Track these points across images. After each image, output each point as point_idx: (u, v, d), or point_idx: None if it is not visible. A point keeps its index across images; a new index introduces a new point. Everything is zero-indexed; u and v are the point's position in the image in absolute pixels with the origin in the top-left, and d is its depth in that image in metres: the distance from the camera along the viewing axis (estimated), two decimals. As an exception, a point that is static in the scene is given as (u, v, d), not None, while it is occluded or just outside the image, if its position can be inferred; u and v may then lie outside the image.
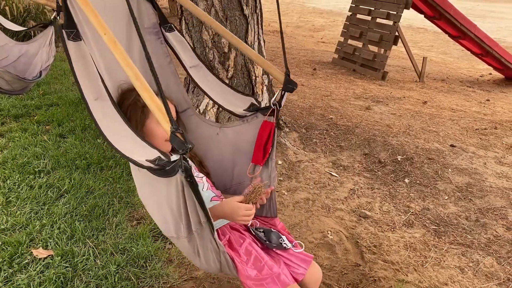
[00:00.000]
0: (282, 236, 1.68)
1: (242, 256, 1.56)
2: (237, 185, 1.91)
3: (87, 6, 1.31)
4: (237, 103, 1.86)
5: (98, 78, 1.41)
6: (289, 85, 1.65)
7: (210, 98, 1.90)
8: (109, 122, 1.35)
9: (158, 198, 1.35)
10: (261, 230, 1.70)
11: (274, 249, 1.63)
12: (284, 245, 1.64)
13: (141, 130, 1.66)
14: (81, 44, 1.41)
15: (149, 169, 1.17)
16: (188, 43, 1.94)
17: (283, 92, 1.70)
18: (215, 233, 1.39)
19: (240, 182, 1.89)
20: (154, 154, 1.22)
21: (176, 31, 1.91)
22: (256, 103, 1.82)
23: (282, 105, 1.72)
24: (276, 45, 8.82)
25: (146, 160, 1.19)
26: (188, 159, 1.16)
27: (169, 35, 1.89)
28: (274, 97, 1.75)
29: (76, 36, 1.40)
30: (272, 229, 1.72)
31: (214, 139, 1.92)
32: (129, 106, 1.67)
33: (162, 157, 1.18)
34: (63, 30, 1.40)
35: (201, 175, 1.81)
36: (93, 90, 1.38)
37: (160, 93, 1.10)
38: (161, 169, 1.16)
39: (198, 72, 1.92)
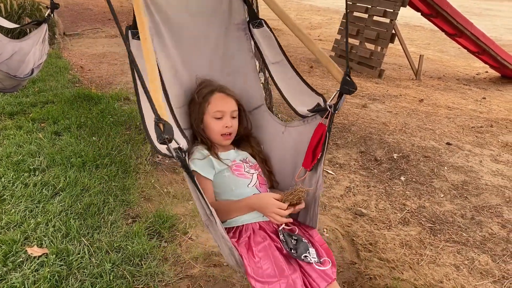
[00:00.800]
0: (310, 249, 1.58)
1: (255, 256, 1.52)
2: None
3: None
4: (307, 102, 1.79)
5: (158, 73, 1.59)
6: (346, 86, 1.55)
7: (282, 95, 1.90)
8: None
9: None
10: (295, 237, 1.62)
11: (296, 259, 1.56)
12: (307, 259, 1.55)
13: (201, 124, 1.81)
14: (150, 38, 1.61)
15: (163, 155, 1.30)
16: (275, 39, 1.92)
17: (340, 94, 1.61)
18: (221, 228, 1.44)
19: (298, 184, 1.81)
20: (179, 143, 1.34)
21: (265, 26, 1.94)
22: (321, 104, 1.73)
23: (339, 108, 1.62)
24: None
25: (178, 143, 1.30)
26: (181, 150, 1.29)
27: (256, 31, 1.93)
28: (331, 99, 1.67)
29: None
30: (303, 239, 1.63)
31: (279, 138, 1.92)
32: (191, 100, 1.84)
33: (179, 147, 1.30)
34: (129, 31, 1.60)
35: (253, 171, 1.81)
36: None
37: (143, 87, 1.20)
38: (171, 156, 1.27)
39: (280, 68, 1.93)
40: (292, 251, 1.54)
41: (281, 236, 1.61)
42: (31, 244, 2.33)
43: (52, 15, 2.16)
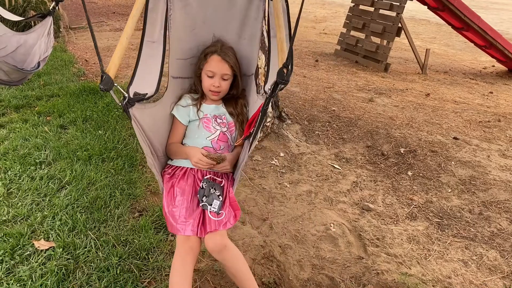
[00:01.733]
0: (215, 201, 1.82)
1: (174, 192, 1.86)
2: None
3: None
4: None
5: (162, 27, 1.93)
6: (278, 77, 1.55)
7: (267, 69, 2.02)
8: (151, 59, 1.90)
9: None
10: (215, 188, 1.88)
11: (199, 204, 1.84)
12: (205, 207, 1.81)
13: (199, 76, 2.07)
14: (160, 1, 1.89)
15: (126, 98, 1.70)
16: (288, 15, 1.97)
17: (275, 83, 1.63)
18: (153, 161, 1.84)
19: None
20: (146, 90, 1.82)
21: (283, 0, 1.99)
22: (269, 88, 1.83)
23: (274, 95, 1.66)
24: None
25: (135, 91, 1.73)
26: (125, 98, 1.69)
27: (272, 3, 1.98)
28: (270, 84, 1.74)
29: None
30: (218, 193, 1.87)
31: (253, 106, 2.08)
32: (199, 55, 2.09)
33: (145, 93, 1.79)
34: None
35: (219, 128, 2.06)
36: (154, 35, 1.91)
37: (95, 46, 1.54)
38: (122, 100, 1.69)
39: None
40: (203, 198, 1.83)
41: (203, 183, 1.89)
42: (38, 237, 2.33)
43: (56, 8, 2.14)
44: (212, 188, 1.87)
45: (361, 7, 7.54)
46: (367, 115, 4.60)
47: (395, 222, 2.80)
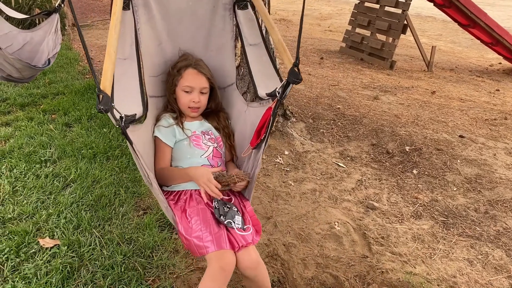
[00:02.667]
0: (237, 217, 1.73)
1: (188, 216, 1.71)
2: None
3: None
4: (270, 86, 1.87)
5: (133, 43, 1.78)
6: (292, 77, 1.60)
7: (251, 77, 1.98)
8: (125, 78, 1.70)
9: None
10: (228, 206, 1.77)
11: (222, 224, 1.71)
12: (230, 224, 1.69)
13: (173, 93, 1.95)
14: (127, 14, 1.74)
15: (115, 120, 1.46)
16: (258, 22, 1.98)
17: (287, 83, 1.68)
18: (158, 190, 1.64)
19: (244, 171, 1.96)
20: (132, 110, 1.64)
21: (249, 8, 1.98)
22: (279, 89, 1.80)
23: (285, 95, 1.69)
24: (283, 33, 8.74)
25: (120, 113, 1.48)
26: (122, 119, 1.46)
27: (240, 12, 1.98)
28: (279, 86, 1.73)
29: (126, 6, 1.74)
30: (235, 208, 1.78)
31: (242, 116, 2.03)
32: (169, 72, 1.97)
33: (134, 114, 1.61)
34: (123, 0, 1.65)
35: (210, 143, 1.96)
36: (125, 52, 1.73)
37: (88, 61, 1.38)
38: (114, 119, 1.44)
39: (256, 51, 1.98)
40: (221, 217, 1.70)
41: (214, 203, 1.75)
42: (43, 235, 2.34)
43: (62, 5, 2.16)
44: (225, 206, 1.76)
45: (367, 4, 7.51)
46: (372, 113, 4.58)
47: (400, 221, 2.78)
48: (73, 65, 5.49)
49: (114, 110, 1.42)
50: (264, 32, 1.99)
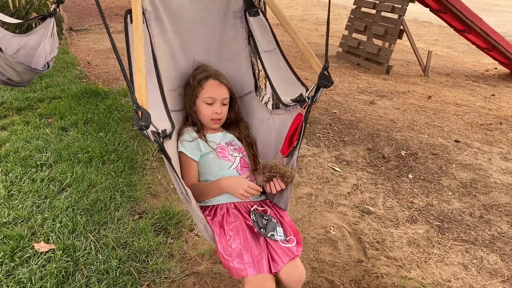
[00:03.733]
0: (278, 228, 1.68)
1: (226, 234, 1.63)
2: None
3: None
4: (292, 92, 1.86)
5: (150, 57, 1.71)
6: (323, 80, 1.60)
7: (270, 84, 1.96)
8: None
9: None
10: (266, 218, 1.72)
11: (264, 237, 1.65)
12: (273, 237, 1.64)
13: (193, 106, 1.90)
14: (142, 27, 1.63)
15: (146, 137, 1.36)
16: (270, 28, 1.97)
17: (317, 87, 1.68)
18: (196, 207, 1.55)
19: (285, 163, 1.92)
20: (163, 126, 1.49)
21: (261, 15, 1.98)
22: (304, 94, 1.78)
23: (316, 100, 1.69)
24: (280, 38, 8.74)
25: (157, 129, 1.39)
26: (159, 134, 1.37)
27: (252, 20, 1.97)
28: (309, 91, 1.73)
29: None
30: (274, 219, 1.73)
31: (265, 124, 2.00)
32: (187, 83, 1.93)
33: (158, 131, 1.40)
34: (129, 15, 1.60)
35: (236, 154, 1.91)
36: None
37: (124, 76, 1.24)
38: (150, 139, 1.35)
39: (272, 57, 1.97)
40: (262, 230, 1.64)
41: (252, 216, 1.70)
42: (38, 239, 2.34)
43: (58, 9, 2.17)
44: (262, 218, 1.71)
45: (363, 9, 7.54)
46: (368, 118, 4.59)
47: (395, 225, 2.79)
48: (70, 69, 5.49)
49: (151, 126, 1.33)
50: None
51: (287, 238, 1.66)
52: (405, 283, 2.27)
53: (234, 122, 2.03)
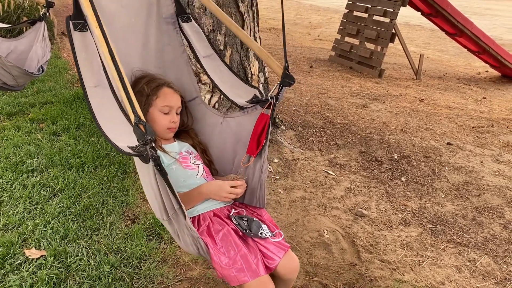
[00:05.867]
0: (263, 226, 1.71)
1: (217, 243, 1.62)
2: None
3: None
4: (242, 94, 1.86)
5: (100, 67, 1.49)
6: (287, 80, 1.62)
7: (218, 89, 1.93)
8: (104, 108, 1.43)
9: (146, 181, 1.45)
10: (245, 219, 1.74)
11: (252, 238, 1.67)
12: (263, 235, 1.66)
13: (145, 116, 1.73)
14: (87, 35, 1.48)
15: (127, 154, 1.23)
16: (204, 33, 1.95)
17: (280, 86, 1.69)
18: (189, 219, 1.49)
19: (238, 172, 1.93)
20: (134, 142, 1.31)
21: (193, 21, 1.95)
22: (258, 95, 1.81)
23: (280, 99, 1.71)
24: (273, 42, 8.78)
25: (127, 146, 1.24)
26: (155, 149, 1.23)
27: (185, 25, 1.93)
28: (272, 91, 1.73)
29: (83, 27, 1.47)
30: (255, 218, 1.75)
31: (218, 128, 1.97)
32: (136, 93, 1.71)
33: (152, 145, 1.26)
34: (70, 21, 1.44)
35: (198, 162, 1.88)
36: (93, 78, 1.47)
37: (122, 85, 1.17)
38: (138, 155, 1.22)
39: (211, 62, 1.94)
40: (247, 231, 1.66)
41: (234, 221, 1.71)
42: (29, 246, 2.31)
43: (48, 13, 2.15)
44: (242, 220, 1.72)
45: (355, 13, 7.59)
46: (361, 121, 4.61)
47: (388, 228, 2.80)
48: (61, 74, 5.45)
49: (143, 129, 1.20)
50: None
51: (274, 233, 1.70)
52: (399, 286, 2.27)
53: (184, 130, 1.99)
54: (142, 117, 1.16)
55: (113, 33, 1.72)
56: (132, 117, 1.16)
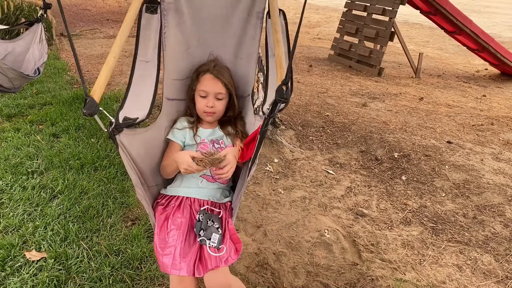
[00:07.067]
0: (214, 235, 1.70)
1: (169, 226, 1.74)
2: None
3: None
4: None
5: (156, 46, 1.81)
6: (278, 96, 1.39)
7: (265, 89, 1.95)
8: (141, 79, 1.77)
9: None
10: (213, 220, 1.75)
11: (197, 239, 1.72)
12: (203, 242, 1.69)
13: (192, 97, 1.97)
14: (154, 17, 1.78)
15: (112, 124, 1.59)
16: (287, 32, 1.94)
17: (274, 101, 1.49)
18: (140, 192, 1.72)
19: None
20: (137, 114, 1.69)
21: (282, 18, 1.95)
22: (268, 107, 1.75)
23: (274, 115, 1.50)
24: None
25: (125, 115, 1.64)
26: (116, 129, 1.59)
27: (270, 21, 1.92)
28: (269, 103, 1.69)
29: (154, 10, 1.77)
30: (216, 224, 1.75)
31: (252, 128, 1.99)
32: (193, 73, 1.97)
33: (136, 117, 1.67)
34: (145, 4, 1.73)
35: (217, 146, 1.96)
36: (147, 55, 1.79)
37: (77, 64, 1.41)
38: (123, 125, 1.62)
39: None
40: (200, 232, 1.71)
41: (199, 215, 1.76)
42: (29, 248, 2.31)
43: (45, 15, 2.15)
44: (209, 220, 1.74)
45: (354, 12, 7.58)
46: (361, 120, 4.60)
47: (389, 228, 2.79)
48: (61, 75, 5.45)
49: (106, 114, 1.48)
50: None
51: (220, 247, 1.68)
52: (400, 285, 2.27)
53: (232, 119, 2.04)
54: (94, 96, 1.42)
55: (199, 19, 1.90)
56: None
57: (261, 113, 1.92)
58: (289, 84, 1.41)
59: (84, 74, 5.76)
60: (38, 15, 2.16)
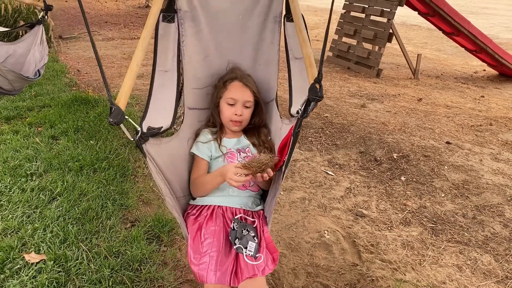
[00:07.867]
0: (250, 243, 1.66)
1: (202, 235, 1.68)
2: None
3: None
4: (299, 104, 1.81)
5: (175, 55, 1.81)
6: (311, 94, 1.43)
7: (290, 93, 1.92)
8: (161, 88, 1.77)
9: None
10: (248, 229, 1.70)
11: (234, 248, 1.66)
12: (240, 250, 1.64)
13: (217, 106, 1.94)
14: (171, 27, 1.78)
15: (138, 133, 1.56)
16: (308, 35, 1.87)
17: (307, 100, 1.50)
18: (169, 201, 1.68)
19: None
20: (160, 123, 1.70)
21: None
22: (300, 107, 1.72)
23: (307, 115, 1.54)
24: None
25: (149, 125, 1.62)
26: (143, 139, 1.58)
27: (288, 25, 1.91)
28: (301, 104, 1.61)
29: (171, 19, 1.77)
30: (252, 233, 1.70)
31: (278, 133, 1.97)
32: (216, 84, 1.96)
33: (160, 127, 1.67)
34: (162, 13, 1.72)
35: (243, 154, 1.91)
36: (166, 64, 1.79)
37: (102, 75, 1.38)
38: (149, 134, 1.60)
39: (300, 65, 1.90)
40: (236, 240, 1.66)
41: (233, 224, 1.71)
42: (28, 250, 2.30)
43: (46, 17, 2.15)
44: (244, 229, 1.69)
45: (352, 13, 7.59)
46: (360, 121, 4.61)
47: (389, 228, 2.79)
48: (59, 77, 5.45)
49: (133, 123, 1.45)
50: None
51: (257, 255, 1.63)
52: (401, 286, 2.27)
53: (255, 127, 2.00)
54: (119, 104, 1.38)
55: (215, 27, 1.89)
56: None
57: (289, 115, 1.89)
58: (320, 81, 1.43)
59: (83, 76, 5.76)
60: (39, 17, 2.16)
